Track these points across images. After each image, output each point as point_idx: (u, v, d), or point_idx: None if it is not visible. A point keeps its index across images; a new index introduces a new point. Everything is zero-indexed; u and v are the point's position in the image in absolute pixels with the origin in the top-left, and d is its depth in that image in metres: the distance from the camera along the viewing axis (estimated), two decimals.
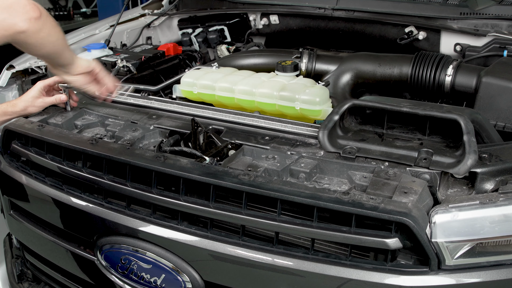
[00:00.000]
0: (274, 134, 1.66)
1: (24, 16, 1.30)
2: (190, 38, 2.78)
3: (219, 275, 1.50)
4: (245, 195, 1.38)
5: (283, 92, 1.88)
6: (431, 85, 2.02)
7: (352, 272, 1.33)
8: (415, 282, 1.30)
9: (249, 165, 1.52)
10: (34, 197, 1.85)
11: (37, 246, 2.00)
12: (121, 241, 1.61)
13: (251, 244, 1.43)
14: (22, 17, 1.29)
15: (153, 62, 2.38)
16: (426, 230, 1.26)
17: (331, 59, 2.24)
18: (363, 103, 1.61)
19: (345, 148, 1.50)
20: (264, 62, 2.32)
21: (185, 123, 1.74)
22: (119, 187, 1.57)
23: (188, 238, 1.49)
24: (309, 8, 2.61)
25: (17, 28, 1.29)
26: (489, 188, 1.35)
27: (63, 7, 7.35)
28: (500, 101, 1.75)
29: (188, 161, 1.49)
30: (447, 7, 2.38)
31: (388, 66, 2.11)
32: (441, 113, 1.46)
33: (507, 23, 2.24)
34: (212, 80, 2.02)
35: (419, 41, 2.43)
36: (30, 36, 1.33)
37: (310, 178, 1.47)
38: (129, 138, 1.71)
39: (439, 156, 1.42)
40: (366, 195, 1.31)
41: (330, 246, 1.45)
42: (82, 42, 2.55)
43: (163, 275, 1.57)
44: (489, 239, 1.28)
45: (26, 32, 1.31)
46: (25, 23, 1.30)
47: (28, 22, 1.30)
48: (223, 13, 2.81)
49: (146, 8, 3.01)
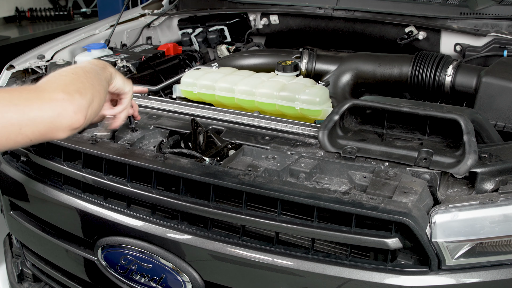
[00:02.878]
0: (274, 134, 1.66)
1: (68, 128, 1.13)
2: (190, 38, 2.78)
3: (219, 275, 1.50)
4: (245, 195, 1.38)
5: (283, 92, 1.88)
6: (431, 85, 2.02)
7: (352, 272, 1.33)
8: (415, 282, 1.30)
9: (249, 165, 1.52)
10: (34, 197, 1.85)
11: (37, 246, 2.00)
12: (121, 241, 1.61)
13: (251, 244, 1.43)
14: (65, 129, 1.12)
15: (153, 62, 2.38)
16: (426, 230, 1.26)
17: (331, 59, 2.24)
18: (363, 103, 1.61)
19: (345, 148, 1.50)
20: (264, 62, 2.32)
21: (185, 123, 1.74)
22: (119, 187, 1.57)
23: (188, 238, 1.49)
24: (309, 8, 2.61)
25: (55, 138, 1.14)
26: (489, 188, 1.35)
27: (63, 7, 7.35)
28: (500, 101, 1.75)
29: (188, 161, 1.49)
30: (447, 7, 2.38)
31: (388, 66, 2.11)
32: (441, 113, 1.46)
33: (507, 23, 2.24)
34: (212, 80, 2.02)
35: (419, 41, 2.43)
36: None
37: (310, 178, 1.47)
38: (129, 138, 1.71)
39: (439, 156, 1.42)
40: (366, 195, 1.31)
41: (330, 246, 1.45)
42: (82, 42, 2.55)
43: (163, 275, 1.57)
44: (489, 239, 1.28)
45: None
46: (65, 133, 1.13)
47: (69, 133, 1.14)
48: (223, 13, 2.81)
49: (146, 8, 3.01)
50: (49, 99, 1.09)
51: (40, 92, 1.10)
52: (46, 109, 1.08)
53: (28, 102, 1.06)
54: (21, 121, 1.04)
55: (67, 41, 2.52)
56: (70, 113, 1.11)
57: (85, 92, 1.16)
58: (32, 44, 2.64)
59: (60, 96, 1.11)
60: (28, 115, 1.05)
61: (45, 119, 1.08)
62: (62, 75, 1.19)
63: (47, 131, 1.10)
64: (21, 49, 2.54)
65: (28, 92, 1.09)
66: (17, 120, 1.04)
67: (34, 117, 1.06)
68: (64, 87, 1.13)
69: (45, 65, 2.31)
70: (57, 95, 1.11)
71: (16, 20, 7.00)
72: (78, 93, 1.14)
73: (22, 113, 1.04)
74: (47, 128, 1.09)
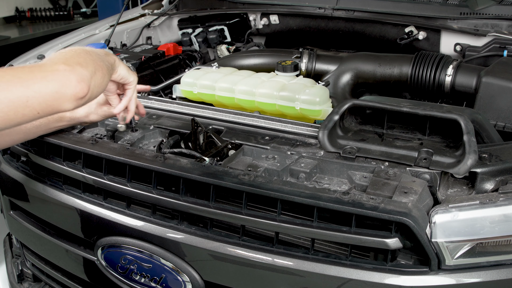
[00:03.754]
0: (274, 134, 1.66)
1: (73, 98, 1.16)
2: (190, 38, 2.78)
3: (219, 275, 1.50)
4: (245, 195, 1.38)
5: (283, 92, 1.88)
6: (431, 85, 2.02)
7: (352, 272, 1.33)
8: (415, 282, 1.30)
9: (249, 165, 1.52)
10: (34, 197, 1.85)
11: (37, 246, 2.00)
12: (121, 241, 1.61)
13: (251, 244, 1.43)
14: (70, 99, 1.16)
15: (153, 62, 2.38)
16: (426, 230, 1.26)
17: (331, 59, 2.24)
18: (363, 103, 1.61)
19: (345, 148, 1.50)
20: (264, 62, 2.32)
21: (185, 123, 1.74)
22: (119, 187, 1.57)
23: (188, 238, 1.49)
24: (309, 8, 2.61)
25: (62, 109, 1.17)
26: (489, 188, 1.35)
27: (63, 7, 7.35)
28: (500, 101, 1.75)
29: (188, 161, 1.49)
30: (447, 7, 2.38)
31: (388, 66, 2.11)
32: (441, 113, 1.46)
33: (507, 23, 2.24)
34: (212, 80, 2.02)
35: (419, 41, 2.43)
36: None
37: (310, 178, 1.47)
38: (129, 138, 1.71)
39: (439, 156, 1.42)
40: (366, 195, 1.31)
41: (330, 246, 1.45)
42: (82, 42, 2.55)
43: (163, 275, 1.57)
44: (489, 239, 1.28)
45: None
46: (71, 104, 1.17)
47: (75, 103, 1.18)
48: (223, 13, 2.81)
49: (146, 8, 3.01)
50: (51, 70, 1.14)
51: (42, 65, 1.15)
52: (49, 79, 1.12)
53: (31, 75, 1.10)
54: (27, 93, 1.08)
55: (67, 41, 2.52)
56: (73, 81, 1.15)
57: (86, 65, 1.21)
58: (32, 44, 2.64)
59: (62, 67, 1.15)
60: (33, 87, 1.09)
61: (49, 89, 1.12)
62: (62, 53, 1.23)
63: (53, 102, 1.13)
64: (21, 49, 2.54)
65: (30, 67, 1.13)
66: (23, 92, 1.08)
67: (39, 88, 1.10)
68: (64, 60, 1.18)
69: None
70: (59, 67, 1.15)
71: (16, 20, 7.01)
72: (79, 65, 1.19)
73: (26, 85, 1.08)
74: (53, 98, 1.12)
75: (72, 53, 1.23)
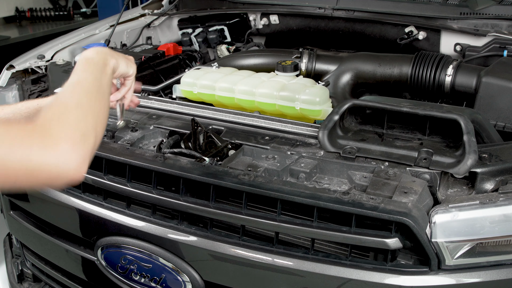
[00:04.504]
0: (274, 134, 1.66)
1: (67, 183, 0.96)
2: (190, 38, 2.78)
3: (219, 275, 1.50)
4: (245, 195, 1.38)
5: (283, 92, 1.88)
6: (431, 85, 2.02)
7: (352, 272, 1.33)
8: (415, 282, 1.30)
9: (249, 165, 1.52)
10: (34, 197, 1.85)
11: (37, 246, 2.00)
12: (121, 241, 1.61)
13: (251, 244, 1.43)
14: (63, 183, 0.96)
15: (153, 62, 2.38)
16: (426, 230, 1.26)
17: (331, 59, 2.24)
18: (363, 103, 1.61)
19: (345, 148, 1.50)
20: (264, 62, 2.32)
21: (185, 123, 1.74)
22: (119, 187, 1.57)
23: (188, 238, 1.49)
24: (309, 8, 2.61)
25: (51, 187, 1.04)
26: (489, 188, 1.35)
27: (63, 7, 7.35)
28: (500, 101, 1.75)
29: (188, 161, 1.49)
30: (447, 7, 2.38)
31: (388, 66, 2.11)
32: (441, 113, 1.46)
33: (507, 23, 2.24)
34: (212, 80, 2.01)
35: (419, 41, 2.43)
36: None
37: (310, 178, 1.46)
38: (129, 138, 1.71)
39: (439, 156, 1.42)
40: (366, 195, 1.31)
41: (330, 246, 1.45)
42: (82, 42, 2.55)
43: (163, 275, 1.57)
44: (489, 239, 1.28)
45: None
46: (62, 186, 0.98)
47: (66, 185, 1.04)
48: (223, 13, 2.81)
49: (146, 8, 3.01)
50: (51, 145, 0.92)
51: (43, 133, 0.93)
52: (48, 157, 0.92)
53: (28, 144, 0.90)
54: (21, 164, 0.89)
55: (67, 41, 2.52)
56: (73, 165, 0.94)
57: (89, 135, 0.99)
58: (32, 44, 2.64)
59: (65, 147, 0.93)
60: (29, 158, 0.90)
61: (45, 168, 0.92)
62: (66, 111, 0.99)
63: (44, 180, 0.94)
64: (21, 49, 2.54)
65: (28, 132, 0.92)
66: (17, 161, 0.88)
67: (35, 164, 0.90)
68: (69, 132, 0.95)
69: (45, 65, 2.31)
70: (62, 145, 0.93)
71: (16, 20, 7.00)
72: (82, 140, 0.96)
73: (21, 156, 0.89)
74: (46, 177, 0.93)
75: (75, 115, 0.98)
